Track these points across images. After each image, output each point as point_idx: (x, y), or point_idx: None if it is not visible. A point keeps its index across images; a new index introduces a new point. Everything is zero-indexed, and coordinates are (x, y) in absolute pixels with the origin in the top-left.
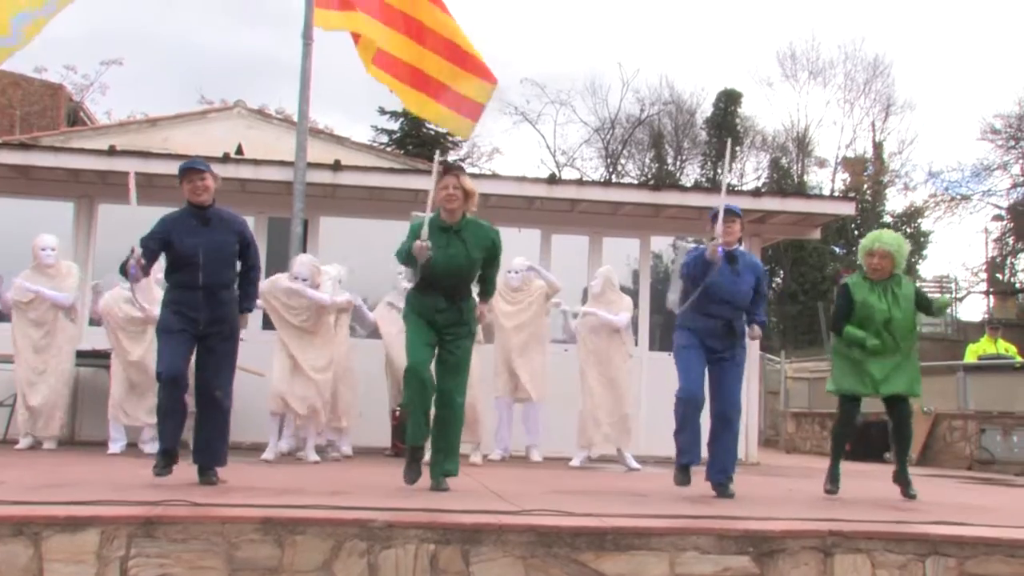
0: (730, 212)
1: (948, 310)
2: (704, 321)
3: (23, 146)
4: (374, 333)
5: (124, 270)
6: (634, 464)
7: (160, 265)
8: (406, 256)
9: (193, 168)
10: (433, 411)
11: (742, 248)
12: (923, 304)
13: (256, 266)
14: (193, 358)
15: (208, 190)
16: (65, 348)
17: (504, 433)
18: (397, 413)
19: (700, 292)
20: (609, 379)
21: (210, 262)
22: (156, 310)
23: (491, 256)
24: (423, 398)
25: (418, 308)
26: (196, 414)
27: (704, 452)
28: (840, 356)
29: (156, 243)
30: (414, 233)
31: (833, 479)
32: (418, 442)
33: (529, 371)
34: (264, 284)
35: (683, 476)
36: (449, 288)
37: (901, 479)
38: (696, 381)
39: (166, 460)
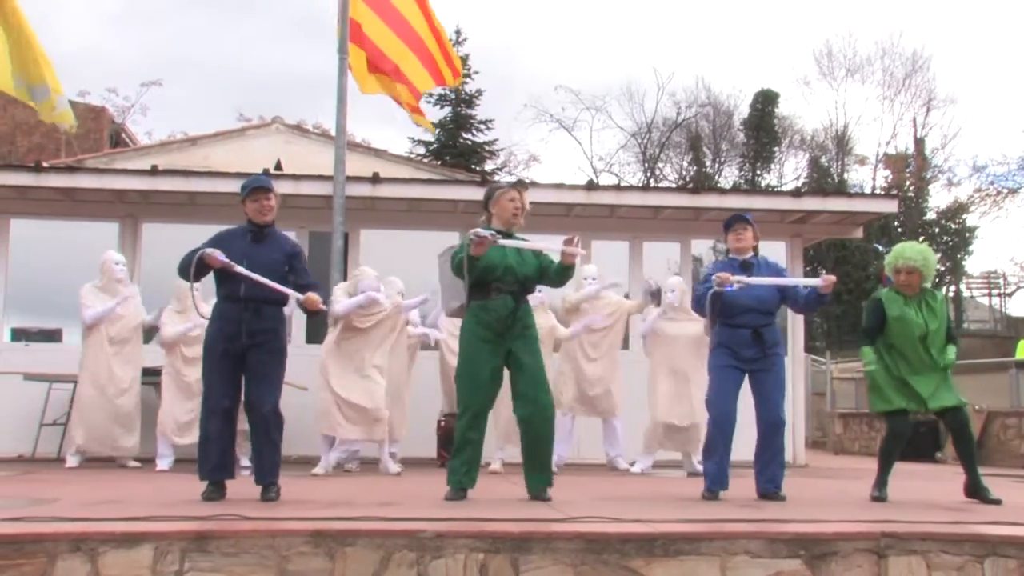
0: (741, 219)
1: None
2: (732, 332)
3: (69, 169)
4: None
5: (188, 269)
6: (698, 467)
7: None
8: (459, 266)
9: (261, 187)
10: (515, 418)
11: (759, 256)
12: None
13: (311, 284)
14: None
15: (273, 210)
16: (138, 364)
17: (561, 442)
18: (443, 423)
19: (723, 304)
20: (681, 389)
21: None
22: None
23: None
24: (481, 441)
25: (485, 320)
26: (251, 433)
27: (750, 463)
28: (882, 375)
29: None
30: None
31: (881, 485)
32: (471, 485)
33: (608, 386)
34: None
35: (710, 496)
36: (517, 289)
37: (975, 488)
38: (725, 400)
39: (215, 487)
